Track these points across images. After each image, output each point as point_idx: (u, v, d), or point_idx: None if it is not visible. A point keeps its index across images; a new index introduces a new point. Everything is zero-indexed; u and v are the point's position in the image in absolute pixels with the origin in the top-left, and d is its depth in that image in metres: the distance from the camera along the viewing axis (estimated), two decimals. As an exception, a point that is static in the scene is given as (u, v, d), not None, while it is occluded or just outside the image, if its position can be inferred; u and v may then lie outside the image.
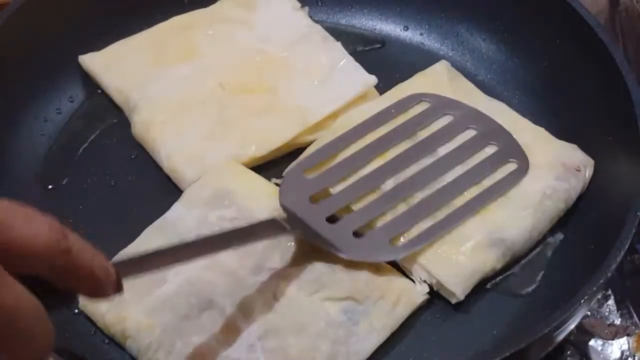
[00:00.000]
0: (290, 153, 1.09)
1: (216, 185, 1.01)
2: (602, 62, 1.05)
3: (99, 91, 1.15)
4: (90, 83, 1.16)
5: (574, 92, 1.11)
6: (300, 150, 1.08)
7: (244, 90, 1.12)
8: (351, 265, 0.96)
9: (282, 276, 0.94)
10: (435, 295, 0.97)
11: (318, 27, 1.20)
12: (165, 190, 1.06)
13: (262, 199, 1.00)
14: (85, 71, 1.16)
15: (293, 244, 0.96)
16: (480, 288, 0.98)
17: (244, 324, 0.91)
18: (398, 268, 0.98)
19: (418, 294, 0.96)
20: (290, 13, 1.21)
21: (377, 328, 0.93)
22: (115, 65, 1.15)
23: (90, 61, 1.16)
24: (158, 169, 1.07)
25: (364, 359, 0.91)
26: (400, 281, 0.96)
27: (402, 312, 0.95)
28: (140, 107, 1.10)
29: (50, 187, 1.08)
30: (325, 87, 1.13)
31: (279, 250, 0.96)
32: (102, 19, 1.18)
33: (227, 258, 0.94)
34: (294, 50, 1.17)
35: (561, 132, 1.08)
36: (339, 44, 1.18)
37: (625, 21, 1.24)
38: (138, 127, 1.10)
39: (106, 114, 1.14)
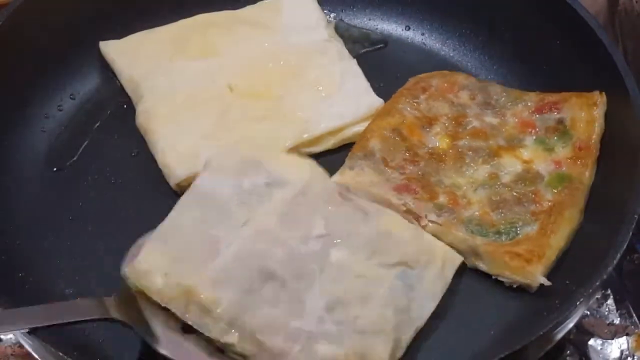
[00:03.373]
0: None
1: (241, 155, 0.99)
2: (602, 63, 1.06)
3: (100, 88, 1.16)
4: (92, 80, 1.17)
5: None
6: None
7: (251, 94, 1.12)
8: (393, 228, 0.95)
9: (332, 243, 0.93)
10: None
11: (338, 42, 1.19)
12: (165, 187, 1.06)
13: (290, 167, 0.99)
14: (104, 57, 1.17)
15: (333, 208, 0.96)
16: (478, 288, 0.98)
17: (307, 295, 0.89)
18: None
19: (457, 255, 0.97)
20: (313, 23, 1.20)
21: (431, 292, 0.93)
22: (133, 54, 1.16)
23: (110, 47, 1.17)
24: (158, 166, 1.08)
25: (423, 324, 0.92)
26: (439, 244, 0.97)
27: (449, 273, 0.95)
28: (146, 97, 1.11)
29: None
30: (331, 102, 1.13)
31: (320, 215, 0.94)
32: (119, 13, 1.19)
33: (273, 226, 0.93)
34: (308, 61, 1.16)
35: (561, 132, 1.08)
36: (354, 62, 1.17)
37: (625, 21, 1.24)
38: (141, 117, 1.10)
39: (107, 111, 1.15)
